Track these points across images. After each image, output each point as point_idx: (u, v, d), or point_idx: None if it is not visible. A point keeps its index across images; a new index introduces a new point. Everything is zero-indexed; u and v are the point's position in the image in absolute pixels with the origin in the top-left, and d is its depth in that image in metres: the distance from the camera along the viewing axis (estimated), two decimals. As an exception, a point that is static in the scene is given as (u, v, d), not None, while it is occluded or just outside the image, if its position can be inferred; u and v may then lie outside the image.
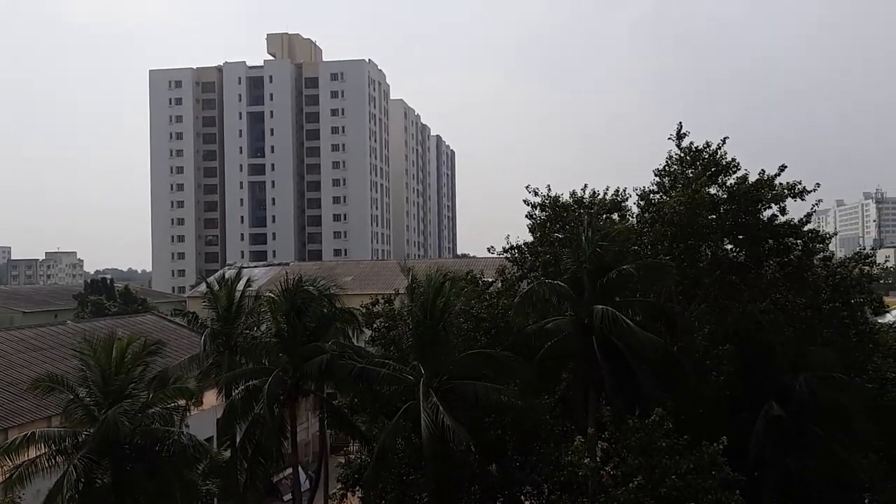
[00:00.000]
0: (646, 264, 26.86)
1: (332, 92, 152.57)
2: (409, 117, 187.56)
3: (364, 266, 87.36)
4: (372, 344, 31.86)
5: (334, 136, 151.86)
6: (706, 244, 30.60)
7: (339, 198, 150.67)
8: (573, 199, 32.45)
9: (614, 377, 25.17)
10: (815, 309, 30.11)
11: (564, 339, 26.55)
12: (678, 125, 31.75)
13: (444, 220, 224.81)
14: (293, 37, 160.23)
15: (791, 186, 29.65)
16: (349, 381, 26.88)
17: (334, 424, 31.77)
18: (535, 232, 32.55)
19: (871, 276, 32.83)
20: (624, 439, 24.26)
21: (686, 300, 30.63)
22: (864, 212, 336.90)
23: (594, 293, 25.86)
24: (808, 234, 30.38)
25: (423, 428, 22.95)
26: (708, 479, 23.44)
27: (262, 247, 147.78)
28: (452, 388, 25.04)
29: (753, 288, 29.70)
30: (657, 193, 31.70)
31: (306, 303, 29.30)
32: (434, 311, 24.94)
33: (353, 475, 29.46)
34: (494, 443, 27.51)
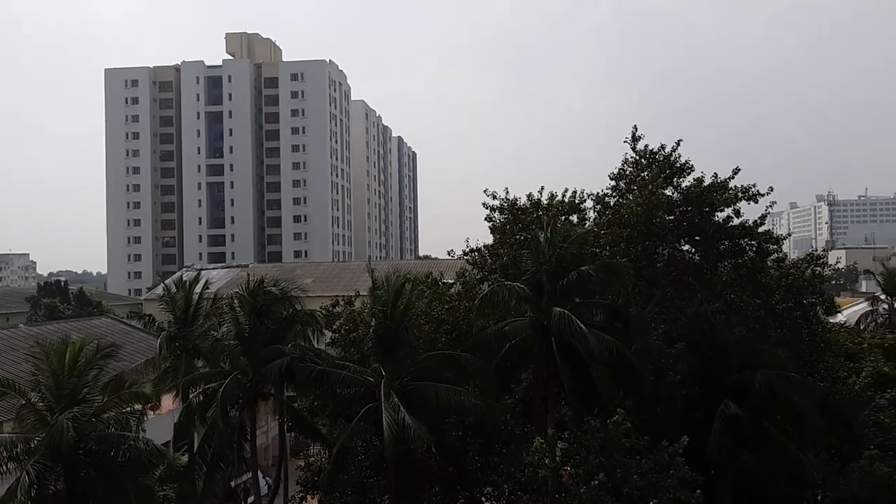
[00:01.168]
0: (604, 265, 27.15)
1: (293, 92, 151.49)
2: (371, 118, 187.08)
3: (325, 268, 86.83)
4: (332, 346, 31.72)
5: (294, 137, 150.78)
6: (662, 245, 31.06)
7: (299, 199, 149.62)
8: (531, 202, 32.71)
9: (573, 378, 25.39)
10: (768, 309, 30.73)
11: (524, 341, 26.71)
12: (633, 128, 32.23)
13: (405, 222, 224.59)
14: (252, 36, 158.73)
15: (745, 189, 30.23)
16: (309, 383, 26.70)
17: (294, 427, 31.55)
18: (494, 234, 32.72)
19: (823, 277, 33.61)
20: (584, 439, 24.49)
21: (643, 301, 31.04)
22: (817, 214, 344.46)
23: (554, 295, 26.07)
24: (762, 236, 30.99)
25: (385, 429, 22.92)
26: (667, 478, 23.79)
27: (221, 248, 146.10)
28: (413, 390, 25.04)
29: (708, 288, 30.21)
30: (613, 196, 32.09)
31: (267, 305, 29.06)
32: (395, 313, 24.94)
33: (312, 478, 29.31)
34: (455, 444, 27.59)
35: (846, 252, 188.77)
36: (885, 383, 36.39)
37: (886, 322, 61.54)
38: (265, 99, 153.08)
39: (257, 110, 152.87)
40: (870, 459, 29.14)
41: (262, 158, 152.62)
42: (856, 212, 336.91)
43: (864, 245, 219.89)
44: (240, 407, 29.04)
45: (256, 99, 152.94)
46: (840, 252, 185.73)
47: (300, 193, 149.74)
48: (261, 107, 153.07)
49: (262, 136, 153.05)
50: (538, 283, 26.58)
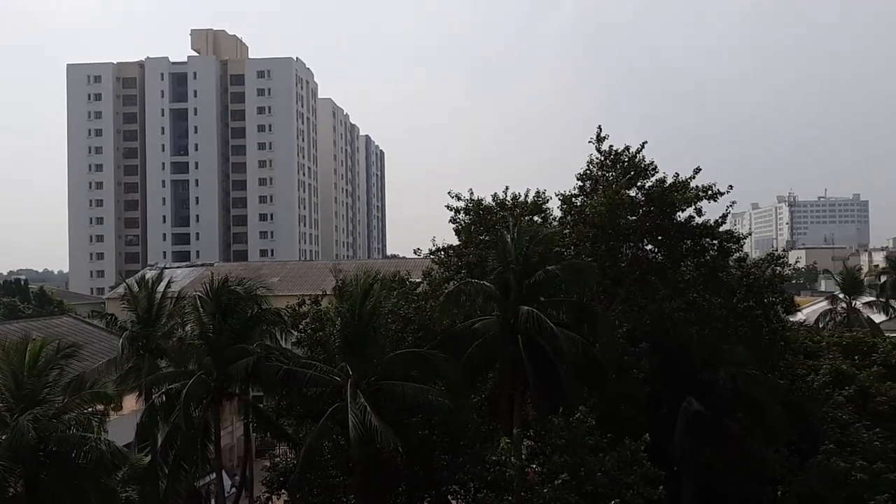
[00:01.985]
0: (570, 265, 27.41)
1: (259, 90, 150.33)
2: (338, 117, 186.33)
3: (291, 267, 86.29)
4: (299, 345, 31.60)
5: (261, 135, 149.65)
6: (626, 245, 31.44)
7: (265, 197, 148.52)
8: (496, 202, 32.89)
9: (539, 376, 25.60)
10: (729, 308, 31.23)
11: (491, 340, 26.87)
12: (598, 129, 32.53)
13: (373, 221, 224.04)
14: (218, 33, 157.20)
15: (706, 188, 30.71)
16: (275, 383, 26.59)
17: (260, 428, 31.36)
18: (460, 235, 32.86)
19: (783, 277, 34.27)
20: (549, 438, 24.69)
21: (607, 300, 31.38)
22: (778, 214, 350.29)
23: (520, 294, 26.26)
24: (723, 236, 31.51)
25: (351, 429, 22.92)
26: (630, 474, 24.08)
27: (186, 247, 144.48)
28: (380, 389, 25.06)
29: (671, 287, 30.63)
30: (579, 197, 32.39)
31: (231, 304, 28.86)
32: (362, 312, 24.92)
33: (278, 478, 29.16)
34: (422, 443, 27.65)
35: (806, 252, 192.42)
36: (843, 381, 37.18)
37: (844, 321, 62.85)
38: (231, 96, 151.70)
39: (223, 107, 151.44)
40: (827, 455, 29.77)
41: (227, 156, 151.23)
42: (815, 213, 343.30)
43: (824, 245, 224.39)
44: (204, 407, 28.80)
45: (222, 96, 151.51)
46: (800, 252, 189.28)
47: (266, 192, 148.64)
48: (226, 104, 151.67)
49: (228, 133, 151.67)
50: (505, 282, 26.77)
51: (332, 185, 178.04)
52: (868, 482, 28.96)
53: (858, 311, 65.62)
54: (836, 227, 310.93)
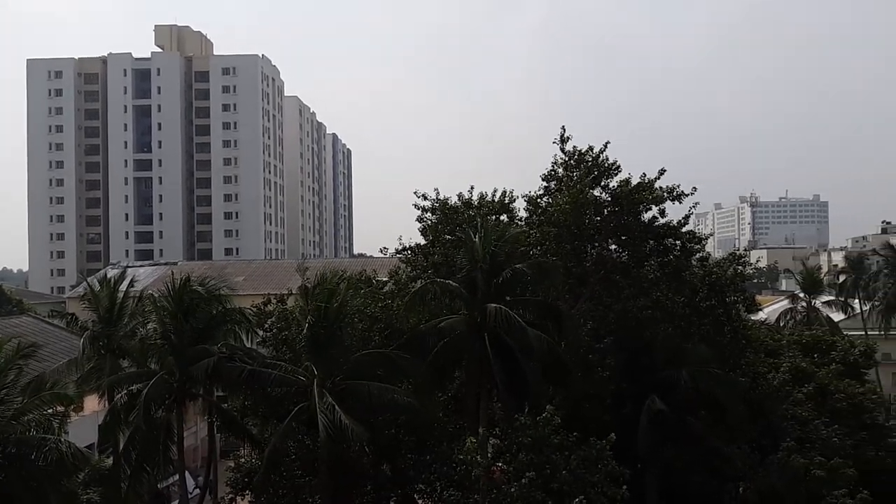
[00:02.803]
0: (536, 263, 27.58)
1: (224, 87, 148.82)
2: (305, 115, 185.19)
3: (256, 266, 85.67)
4: (263, 345, 31.39)
5: (226, 132, 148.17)
6: (591, 244, 31.71)
7: (230, 195, 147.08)
8: (462, 202, 32.98)
9: (506, 374, 25.71)
10: (692, 307, 31.65)
11: (457, 338, 26.93)
12: (562, 129, 32.75)
13: (340, 220, 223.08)
14: (183, 29, 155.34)
15: (670, 189, 31.11)
16: (239, 383, 26.39)
17: (224, 428, 31.11)
18: (426, 234, 32.89)
19: (745, 276, 34.79)
20: (515, 436, 24.83)
21: (572, 299, 31.62)
22: (740, 214, 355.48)
23: (488, 293, 26.36)
24: (686, 236, 31.93)
25: (321, 429, 22.83)
26: (595, 473, 24.30)
27: (149, 245, 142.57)
28: (346, 389, 24.99)
29: (635, 286, 30.95)
30: (544, 197, 32.60)
31: (194, 303, 28.58)
32: (328, 312, 24.82)
33: (243, 479, 28.94)
34: (388, 442, 27.63)
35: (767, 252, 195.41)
36: (803, 378, 37.89)
37: (804, 319, 64.03)
38: (195, 93, 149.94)
39: (187, 104, 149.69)
40: (787, 452, 30.32)
41: (192, 153, 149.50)
42: (777, 213, 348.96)
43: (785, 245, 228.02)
44: (166, 408, 28.50)
45: (186, 93, 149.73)
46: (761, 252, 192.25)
47: (231, 190, 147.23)
48: (191, 101, 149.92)
49: (192, 130, 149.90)
50: (472, 281, 26.86)
51: (299, 183, 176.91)
52: (826, 479, 29.55)
53: (818, 309, 66.88)
54: (796, 227, 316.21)
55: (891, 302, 66.72)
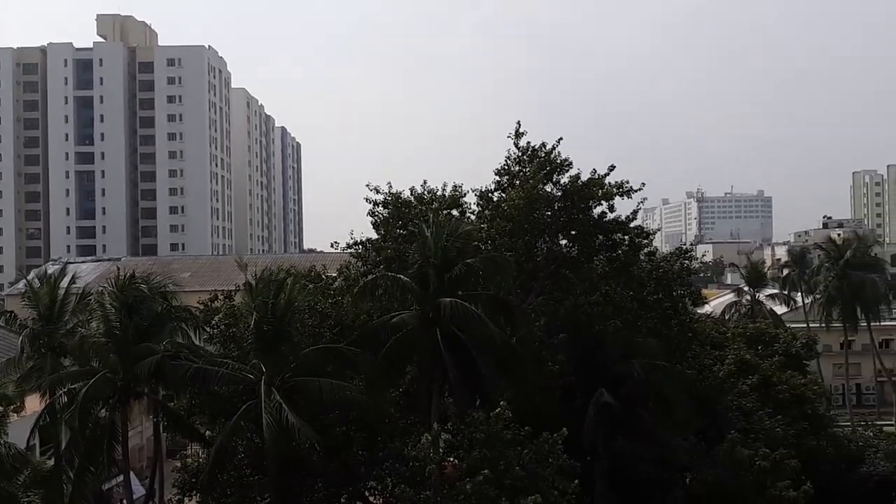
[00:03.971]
0: (489, 258, 27.60)
1: (169, 78, 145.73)
2: (252, 107, 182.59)
3: (203, 261, 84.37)
4: (211, 342, 30.86)
5: (171, 125, 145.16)
6: (542, 240, 31.91)
7: (176, 189, 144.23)
8: (414, 196, 32.84)
9: (457, 369, 25.70)
10: (640, 301, 32.10)
11: (409, 334, 26.82)
12: (517, 124, 32.87)
13: (289, 214, 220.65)
14: (126, 19, 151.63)
15: (619, 185, 31.46)
16: (184, 381, 25.86)
17: (170, 428, 30.52)
18: (378, 229, 32.68)
19: (691, 270, 35.44)
20: (468, 432, 24.83)
21: (524, 293, 31.77)
22: (687, 210, 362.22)
23: (440, 287, 26.31)
24: (634, 231, 32.35)
25: (265, 428, 22.51)
26: (547, 467, 24.45)
27: (91, 241, 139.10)
28: (295, 386, 24.69)
29: (585, 281, 31.24)
30: (497, 191, 32.67)
31: (138, 300, 27.94)
32: (276, 308, 24.44)
33: (190, 479, 28.41)
34: (339, 439, 27.40)
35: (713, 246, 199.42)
36: (747, 370, 38.82)
37: (749, 312, 65.57)
38: (139, 84, 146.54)
39: (131, 96, 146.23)
40: (731, 443, 30.95)
41: (135, 146, 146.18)
42: (722, 208, 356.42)
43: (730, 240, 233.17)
44: (110, 407, 27.83)
45: (130, 84, 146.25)
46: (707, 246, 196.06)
47: (177, 184, 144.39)
48: (135, 92, 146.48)
49: (136, 123, 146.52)
50: (424, 276, 26.77)
51: (247, 177, 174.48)
52: (770, 470, 30.26)
53: (762, 303, 68.58)
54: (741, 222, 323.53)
55: (832, 295, 68.65)
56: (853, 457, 38.47)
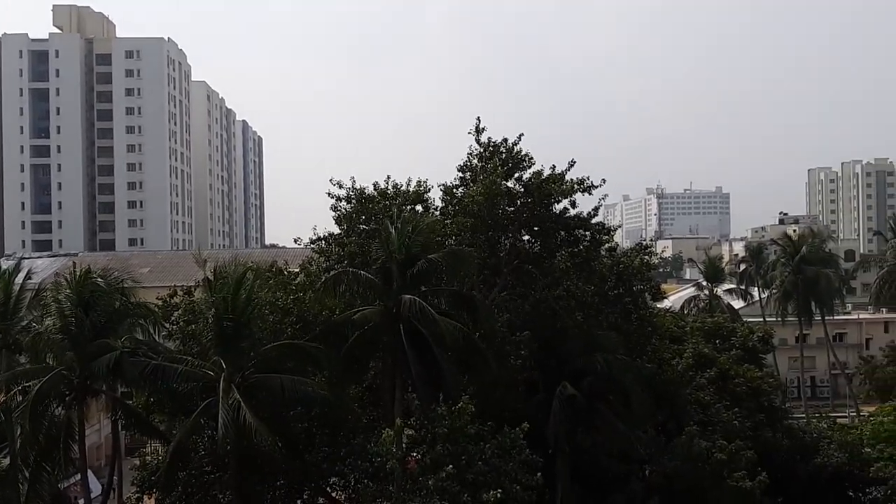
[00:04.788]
0: (451, 252, 27.64)
1: (128, 70, 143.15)
2: (213, 100, 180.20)
3: (162, 257, 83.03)
4: (170, 339, 30.47)
5: (129, 118, 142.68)
6: (505, 235, 32.06)
7: (134, 183, 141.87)
8: (377, 191, 32.75)
9: (420, 365, 25.74)
10: (601, 296, 32.44)
11: (372, 329, 26.79)
12: (477, 120, 32.93)
13: (251, 209, 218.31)
14: (83, 10, 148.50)
15: (580, 181, 31.73)
16: (143, 378, 25.51)
17: (129, 425, 30.10)
18: (341, 224, 32.53)
19: (651, 265, 35.89)
20: (431, 427, 24.89)
21: (487, 288, 31.91)
22: (647, 206, 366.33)
23: (403, 283, 26.29)
24: (596, 227, 32.66)
25: (220, 427, 22.32)
26: (510, 461, 24.60)
27: (47, 236, 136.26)
28: (256, 383, 24.49)
29: (548, 276, 31.47)
30: (459, 187, 32.72)
31: (95, 296, 27.49)
32: (236, 304, 24.20)
33: (149, 477, 28.02)
34: (301, 436, 27.25)
35: (672, 242, 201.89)
36: (705, 364, 39.46)
37: (707, 307, 66.63)
38: (97, 77, 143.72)
39: (88, 88, 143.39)
40: (689, 436, 31.48)
41: (93, 140, 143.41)
42: (682, 204, 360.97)
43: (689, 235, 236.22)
44: (66, 405, 27.37)
45: (87, 76, 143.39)
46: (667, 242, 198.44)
47: (136, 178, 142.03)
48: (92, 85, 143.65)
49: (94, 115, 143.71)
50: (387, 271, 26.73)
51: (207, 171, 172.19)
52: (727, 461, 30.85)
53: (720, 297, 69.76)
54: (700, 217, 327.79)
55: (787, 290, 70.07)
56: (807, 448, 39.26)
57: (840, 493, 38.91)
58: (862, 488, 37.45)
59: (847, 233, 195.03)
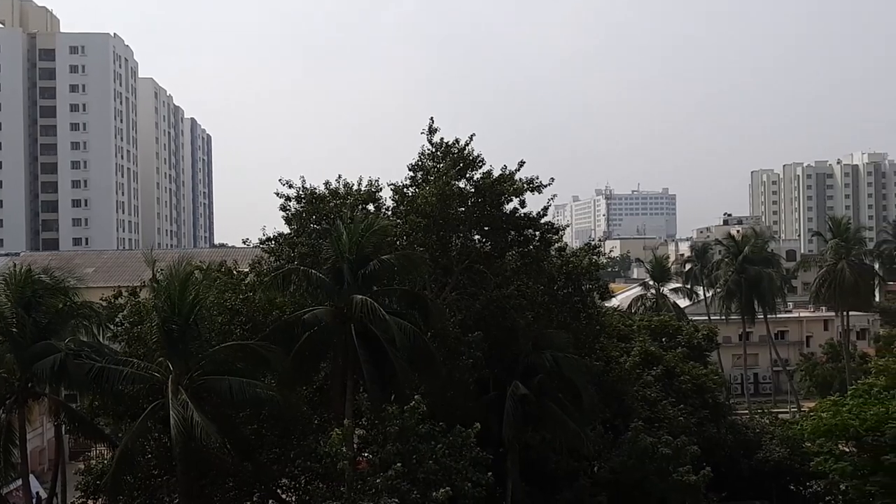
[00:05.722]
0: (403, 254, 27.73)
1: (72, 66, 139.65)
2: (160, 97, 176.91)
3: (108, 256, 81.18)
4: (115, 340, 29.89)
5: (74, 115, 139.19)
6: (456, 235, 32.21)
7: (79, 182, 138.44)
8: (328, 191, 32.61)
9: (371, 365, 25.71)
10: (551, 295, 32.86)
11: (323, 330, 26.67)
12: (430, 120, 33.06)
13: (199, 208, 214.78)
14: (25, 3, 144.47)
15: (529, 181, 32.08)
16: (88, 381, 24.97)
17: (73, 429, 29.44)
18: (291, 223, 32.30)
19: (599, 265, 36.44)
20: (382, 426, 24.88)
21: (438, 288, 32.03)
22: (596, 206, 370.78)
23: (354, 283, 26.25)
24: (545, 227, 33.04)
25: (172, 427, 21.98)
26: (461, 460, 24.74)
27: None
28: (204, 385, 24.16)
29: (498, 276, 31.73)
30: (411, 187, 32.78)
31: (37, 296, 26.83)
32: (183, 304, 23.85)
33: (94, 482, 27.48)
34: (250, 437, 27.00)
35: (620, 242, 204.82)
36: (651, 361, 40.21)
37: (654, 306, 67.79)
38: (40, 72, 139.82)
39: (30, 84, 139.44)
40: (636, 432, 32.04)
41: (35, 137, 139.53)
42: (629, 205, 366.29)
43: (636, 236, 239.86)
44: (7, 408, 26.67)
45: (30, 72, 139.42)
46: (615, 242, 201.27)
47: (80, 176, 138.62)
48: (34, 81, 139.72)
49: (37, 112, 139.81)
50: (338, 271, 26.65)
51: (154, 169, 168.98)
52: (672, 456, 31.48)
53: (666, 296, 70.98)
54: (647, 218, 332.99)
55: (731, 289, 71.70)
56: (750, 443, 40.26)
57: (781, 486, 39.99)
58: (803, 482, 38.47)
59: (788, 233, 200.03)
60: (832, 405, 34.12)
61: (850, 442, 32.22)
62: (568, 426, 29.77)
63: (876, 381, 34.17)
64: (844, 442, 32.52)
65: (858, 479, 30.61)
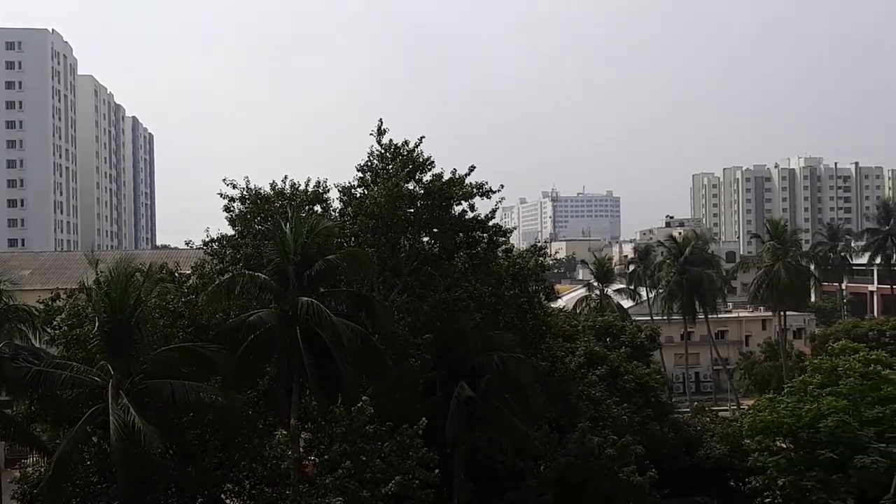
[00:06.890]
0: (349, 254, 27.49)
1: (8, 62, 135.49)
2: (101, 95, 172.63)
3: (45, 258, 78.89)
4: (53, 344, 29.08)
5: (9, 112, 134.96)
6: (405, 237, 32.19)
7: (14, 181, 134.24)
8: (274, 191, 32.26)
9: (317, 368, 25.50)
10: (498, 296, 33.09)
11: (268, 332, 26.35)
12: (379, 121, 32.98)
13: (141, 209, 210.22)
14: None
15: (479, 185, 32.26)
16: (24, 385, 24.22)
17: (7, 436, 28.50)
18: (234, 225, 31.85)
19: (545, 267, 36.85)
20: (329, 428, 24.72)
21: (387, 290, 31.96)
22: (543, 209, 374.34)
23: (300, 285, 25.99)
24: (493, 229, 33.26)
25: (112, 433, 21.47)
26: (407, 459, 24.75)
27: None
28: (146, 389, 23.66)
29: (447, 278, 31.82)
30: (359, 188, 32.65)
31: (-30, 300, 25.96)
32: (124, 307, 23.32)
33: (31, 490, 26.69)
34: (194, 442, 26.54)
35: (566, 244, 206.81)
36: (596, 361, 40.78)
37: (598, 306, 68.77)
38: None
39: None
40: (582, 431, 32.45)
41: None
42: (575, 207, 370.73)
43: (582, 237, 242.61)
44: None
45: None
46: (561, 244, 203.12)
47: (16, 175, 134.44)
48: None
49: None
50: (283, 273, 26.36)
51: (94, 169, 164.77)
52: (617, 456, 31.96)
53: (610, 297, 72.07)
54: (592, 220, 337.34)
55: (673, 289, 73.17)
56: (692, 441, 41.08)
57: (722, 483, 40.92)
58: (742, 478, 39.42)
59: (728, 235, 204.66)
60: (769, 403, 35.03)
61: (787, 438, 33.09)
62: (515, 426, 29.98)
63: (811, 379, 35.15)
64: (781, 438, 33.39)
65: (795, 475, 31.44)
